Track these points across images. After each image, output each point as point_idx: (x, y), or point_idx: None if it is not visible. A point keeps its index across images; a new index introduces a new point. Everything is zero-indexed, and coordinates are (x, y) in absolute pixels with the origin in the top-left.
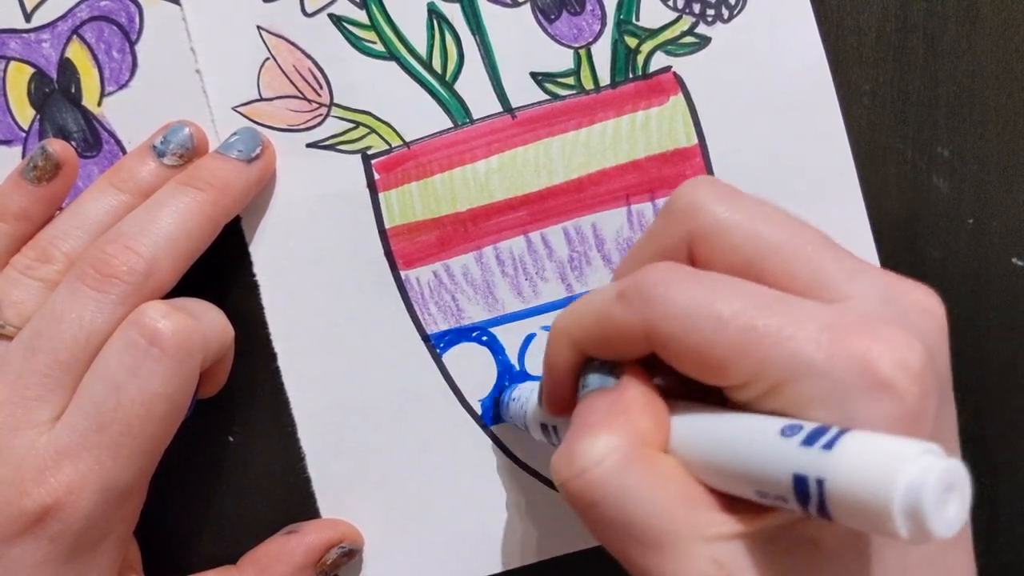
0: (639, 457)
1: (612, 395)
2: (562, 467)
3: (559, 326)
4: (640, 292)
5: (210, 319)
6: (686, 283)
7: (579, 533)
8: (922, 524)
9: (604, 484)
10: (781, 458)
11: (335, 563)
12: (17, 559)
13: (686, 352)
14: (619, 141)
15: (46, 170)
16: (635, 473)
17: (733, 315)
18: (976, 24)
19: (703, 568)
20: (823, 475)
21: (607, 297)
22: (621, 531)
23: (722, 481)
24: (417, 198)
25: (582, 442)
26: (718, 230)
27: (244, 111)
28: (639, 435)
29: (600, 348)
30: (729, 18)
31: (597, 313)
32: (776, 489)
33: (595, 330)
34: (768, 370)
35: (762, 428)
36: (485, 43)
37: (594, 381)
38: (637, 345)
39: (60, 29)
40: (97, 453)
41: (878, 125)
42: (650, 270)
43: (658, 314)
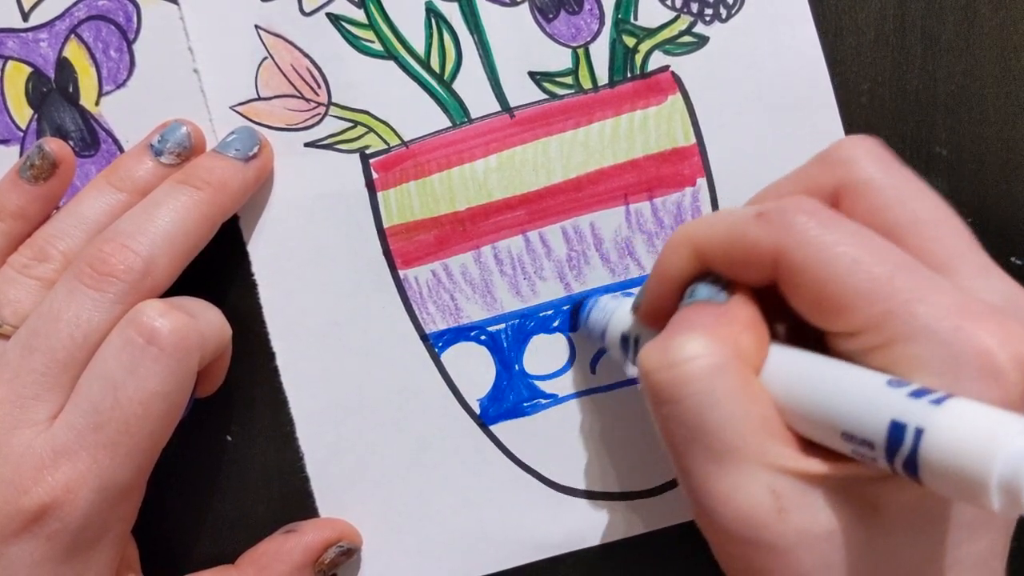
0: (733, 368)
1: (719, 308)
2: (653, 357)
3: (684, 232)
4: (783, 215)
5: (208, 318)
6: (830, 220)
7: (578, 533)
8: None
9: (692, 382)
10: (884, 403)
11: (333, 562)
12: (15, 558)
13: (812, 285)
14: (617, 140)
15: (43, 169)
16: (725, 382)
17: (872, 262)
18: (974, 23)
19: (759, 493)
20: (924, 425)
21: (745, 214)
22: (692, 434)
23: (807, 421)
24: (415, 197)
25: (680, 337)
26: (870, 189)
27: (242, 110)
28: (739, 348)
29: (723, 263)
30: (727, 17)
31: (731, 227)
32: (868, 432)
33: (723, 243)
34: (889, 324)
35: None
36: (483, 42)
37: (703, 292)
38: (763, 268)
39: (58, 28)
40: (95, 452)
41: (876, 124)
42: (796, 199)
43: (796, 240)
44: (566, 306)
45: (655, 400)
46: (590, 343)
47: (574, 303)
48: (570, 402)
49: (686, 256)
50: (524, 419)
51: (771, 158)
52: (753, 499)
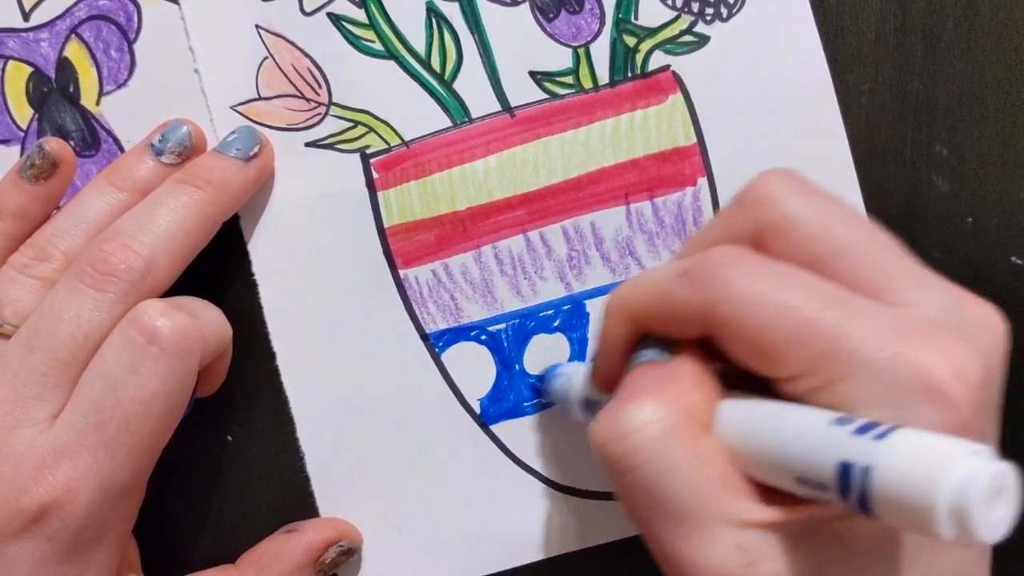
0: (683, 430)
1: (664, 367)
2: (603, 429)
3: (616, 299)
4: (704, 271)
5: (208, 317)
6: (752, 267)
7: (578, 533)
8: (967, 525)
9: (643, 451)
10: (829, 444)
11: (334, 562)
12: (16, 558)
13: (744, 337)
14: (618, 140)
15: (43, 168)
16: (677, 446)
17: (798, 305)
18: (975, 24)
19: (727, 552)
20: (871, 463)
21: (669, 274)
22: (651, 501)
23: (762, 468)
24: (416, 197)
25: (627, 406)
26: (790, 223)
27: (243, 110)
28: (687, 409)
29: (656, 324)
30: (728, 17)
31: (658, 288)
32: (818, 475)
33: (653, 305)
34: (825, 364)
35: (813, 417)
36: (484, 42)
37: (647, 355)
38: (694, 325)
39: (58, 28)
40: (95, 451)
41: (877, 124)
42: (716, 251)
43: (720, 295)
44: (567, 306)
45: (610, 471)
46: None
47: (541, 372)
48: None
49: (622, 323)
50: (524, 419)
51: (772, 157)
52: (721, 558)
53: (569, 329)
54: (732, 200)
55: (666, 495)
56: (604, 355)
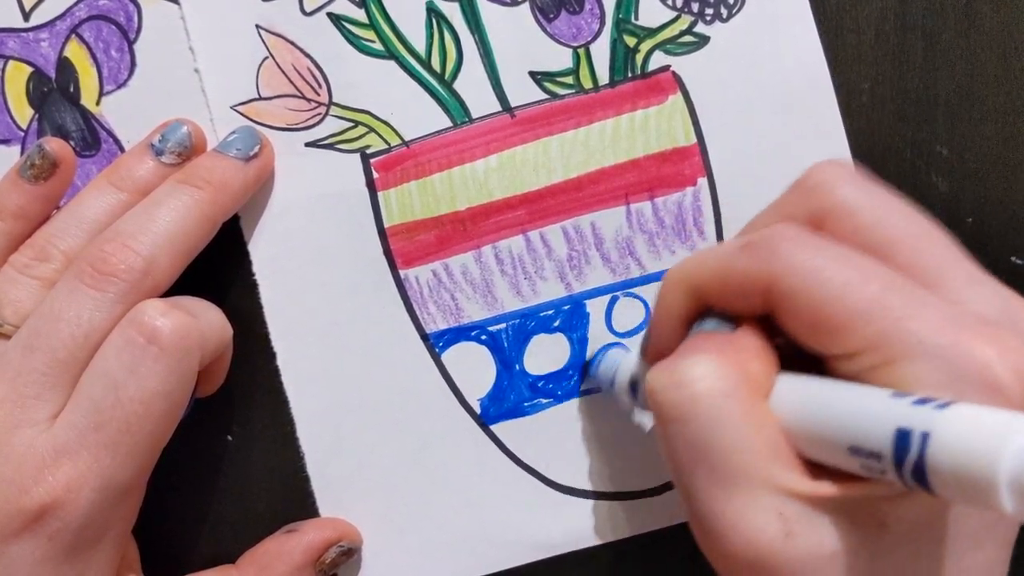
0: (742, 392)
1: (727, 336)
2: (661, 376)
3: (676, 272)
4: (768, 244)
5: (208, 317)
6: (815, 243)
7: (578, 533)
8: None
9: (700, 403)
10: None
11: (334, 562)
12: (16, 557)
13: (805, 311)
14: (618, 140)
15: (43, 168)
16: (734, 404)
17: (861, 283)
18: (975, 23)
19: (767, 517)
20: (930, 429)
21: (731, 249)
22: (699, 456)
23: (814, 442)
24: (416, 197)
25: (690, 358)
26: (849, 211)
27: (243, 110)
28: (747, 373)
29: (718, 297)
30: (728, 17)
31: (720, 261)
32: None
33: (715, 278)
34: (886, 343)
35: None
36: (484, 42)
37: (709, 325)
38: (756, 298)
39: (58, 28)
40: (96, 451)
41: (877, 124)
42: (780, 227)
43: (784, 268)
44: (567, 306)
45: (662, 419)
46: (603, 394)
47: (590, 356)
48: (570, 402)
49: (683, 295)
50: (524, 419)
51: (772, 157)
52: (760, 523)
53: (569, 329)
54: (791, 187)
55: (715, 451)
56: (660, 329)
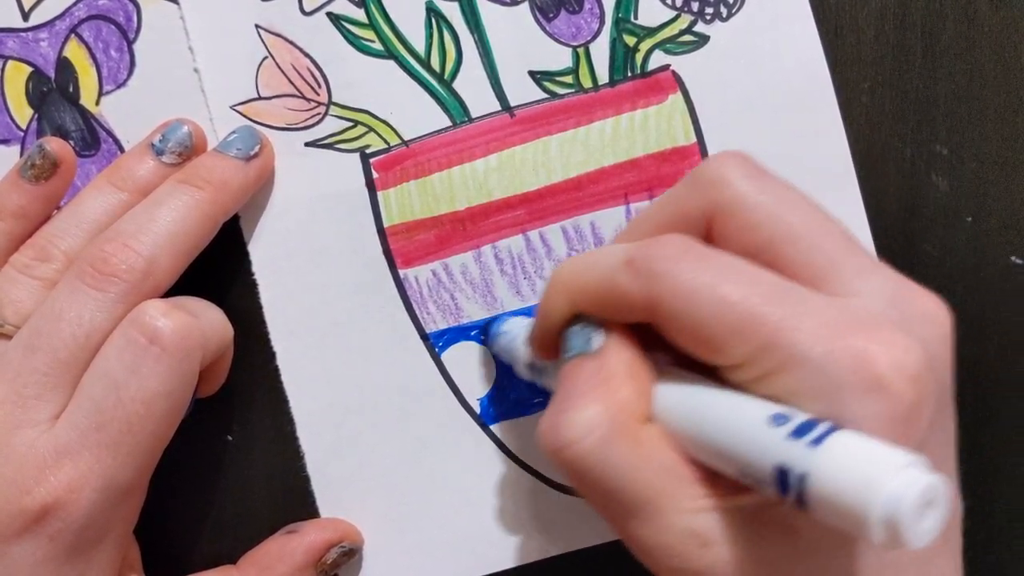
0: (621, 431)
1: (595, 362)
2: (549, 438)
3: (560, 278)
4: (649, 263)
5: (209, 317)
6: (695, 261)
7: (578, 533)
8: (897, 533)
9: (587, 457)
10: (767, 446)
11: (335, 563)
12: (17, 558)
13: (686, 329)
14: (618, 140)
15: (44, 168)
16: (617, 447)
17: (738, 299)
18: (975, 22)
19: (680, 539)
20: (807, 471)
21: (614, 262)
22: (606, 500)
23: (705, 455)
24: (416, 197)
25: (566, 415)
26: (741, 208)
27: (242, 110)
28: (621, 406)
29: (598, 309)
30: (728, 16)
31: (603, 276)
32: (758, 475)
33: (596, 292)
34: (764, 356)
35: (751, 413)
36: (483, 42)
37: (577, 344)
38: (637, 314)
39: (58, 28)
40: (97, 452)
41: (877, 123)
42: (661, 243)
43: (664, 289)
44: None
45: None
46: None
47: (486, 321)
48: None
49: (564, 301)
50: (524, 419)
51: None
52: (675, 543)
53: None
54: (684, 179)
55: (617, 494)
56: (543, 328)
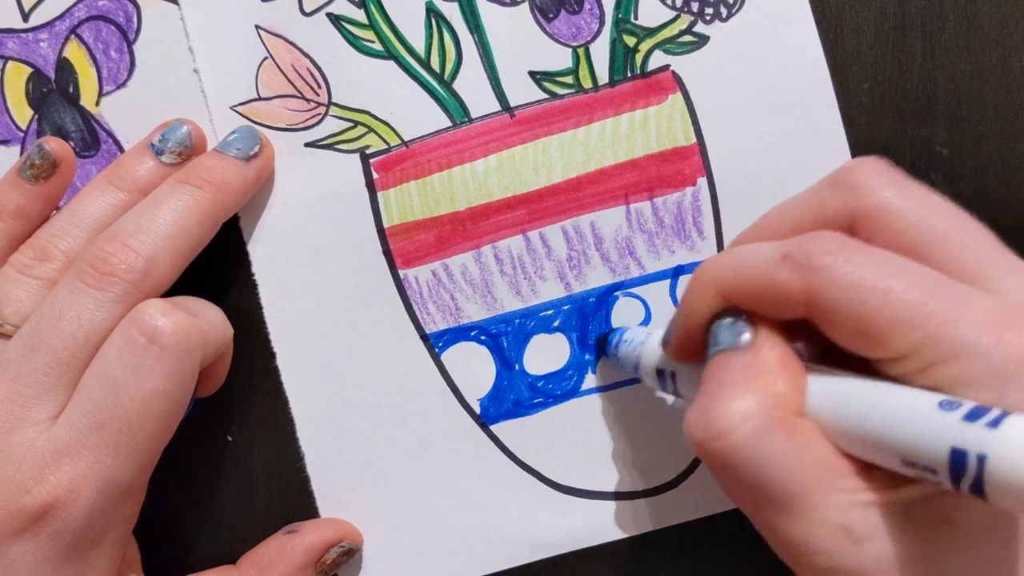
0: (776, 422)
1: (747, 356)
2: (698, 428)
3: (709, 274)
4: (807, 257)
5: (209, 317)
6: (855, 255)
7: (578, 533)
8: None
9: (741, 449)
10: (939, 430)
11: (335, 562)
12: (17, 557)
13: (847, 322)
14: (618, 140)
15: (43, 168)
16: (772, 439)
17: (902, 291)
18: (974, 22)
19: (833, 534)
20: (985, 451)
21: (770, 257)
22: (755, 492)
23: (863, 448)
24: (416, 197)
25: (718, 405)
26: (886, 212)
27: (242, 110)
28: (776, 399)
29: (751, 305)
30: (727, 17)
31: (758, 271)
32: (928, 461)
33: (750, 287)
34: (930, 347)
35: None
36: (483, 42)
37: (726, 338)
38: (793, 308)
39: (58, 29)
40: (97, 451)
41: (876, 123)
42: (818, 238)
43: (824, 282)
44: (566, 306)
45: (711, 467)
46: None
47: (600, 335)
48: (570, 402)
49: (711, 297)
50: (524, 419)
51: (771, 157)
52: (828, 538)
53: (569, 329)
54: (822, 183)
55: (768, 486)
56: (685, 327)
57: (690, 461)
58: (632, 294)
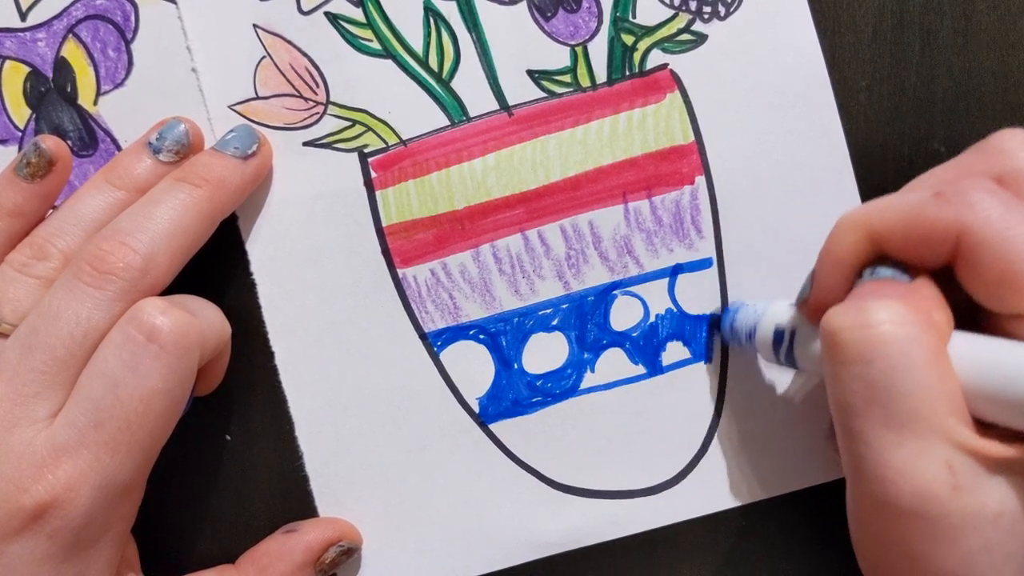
0: (928, 339)
1: (907, 286)
2: (846, 316)
3: (855, 216)
4: (963, 194)
5: (207, 315)
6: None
7: (577, 532)
8: None
9: (886, 345)
10: None
11: (334, 562)
12: (16, 556)
13: (994, 264)
14: (616, 139)
15: (40, 167)
16: (919, 350)
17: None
18: (972, 20)
19: (936, 467)
20: None
21: (922, 196)
22: (876, 397)
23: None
24: (414, 196)
25: (876, 301)
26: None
27: (240, 110)
28: (932, 322)
29: (900, 245)
30: (726, 15)
31: (909, 208)
32: None
33: (901, 224)
34: None
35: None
36: (482, 41)
37: (885, 272)
38: (943, 248)
39: (55, 28)
40: (95, 450)
41: (875, 122)
42: (973, 179)
43: (978, 218)
44: (565, 305)
45: (840, 359)
46: (735, 346)
47: (714, 315)
48: (569, 401)
49: (859, 240)
50: (523, 418)
51: (770, 156)
52: (930, 472)
53: (567, 328)
54: (972, 148)
55: (895, 394)
56: (828, 276)
57: (689, 460)
58: (631, 293)
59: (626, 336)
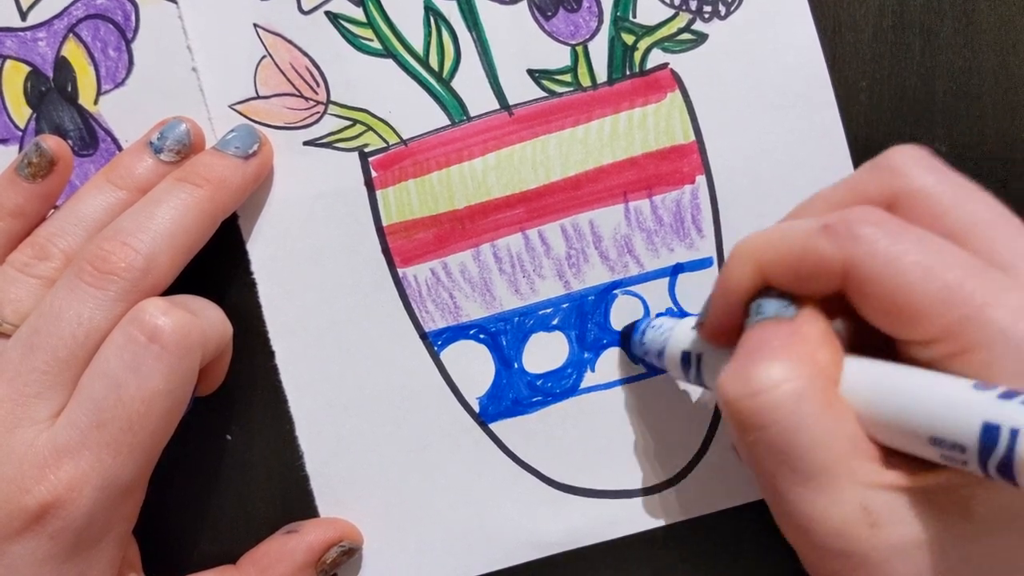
0: (816, 389)
1: (790, 325)
2: (734, 385)
3: (746, 248)
4: (848, 228)
5: (209, 316)
6: (896, 228)
7: (577, 531)
8: None
9: (777, 409)
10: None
11: (335, 562)
12: (17, 557)
13: (884, 296)
14: (616, 138)
15: (41, 167)
16: (810, 405)
17: (943, 270)
18: (973, 20)
19: (852, 511)
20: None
21: (809, 228)
22: (780, 458)
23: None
24: (414, 195)
25: (760, 364)
26: (925, 196)
27: (241, 109)
28: (818, 368)
29: (789, 278)
30: (726, 15)
31: (796, 242)
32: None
33: (789, 258)
34: (965, 330)
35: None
36: (482, 40)
37: (770, 308)
38: (830, 281)
39: (56, 27)
40: (97, 450)
41: (875, 121)
42: (859, 210)
43: (865, 251)
44: (565, 304)
45: (740, 427)
46: (645, 363)
47: (625, 327)
48: (569, 400)
49: (750, 272)
50: (523, 417)
51: (770, 155)
52: (845, 516)
53: (568, 327)
54: (862, 168)
55: (796, 453)
56: (722, 305)
57: (689, 460)
58: (631, 292)
59: None
